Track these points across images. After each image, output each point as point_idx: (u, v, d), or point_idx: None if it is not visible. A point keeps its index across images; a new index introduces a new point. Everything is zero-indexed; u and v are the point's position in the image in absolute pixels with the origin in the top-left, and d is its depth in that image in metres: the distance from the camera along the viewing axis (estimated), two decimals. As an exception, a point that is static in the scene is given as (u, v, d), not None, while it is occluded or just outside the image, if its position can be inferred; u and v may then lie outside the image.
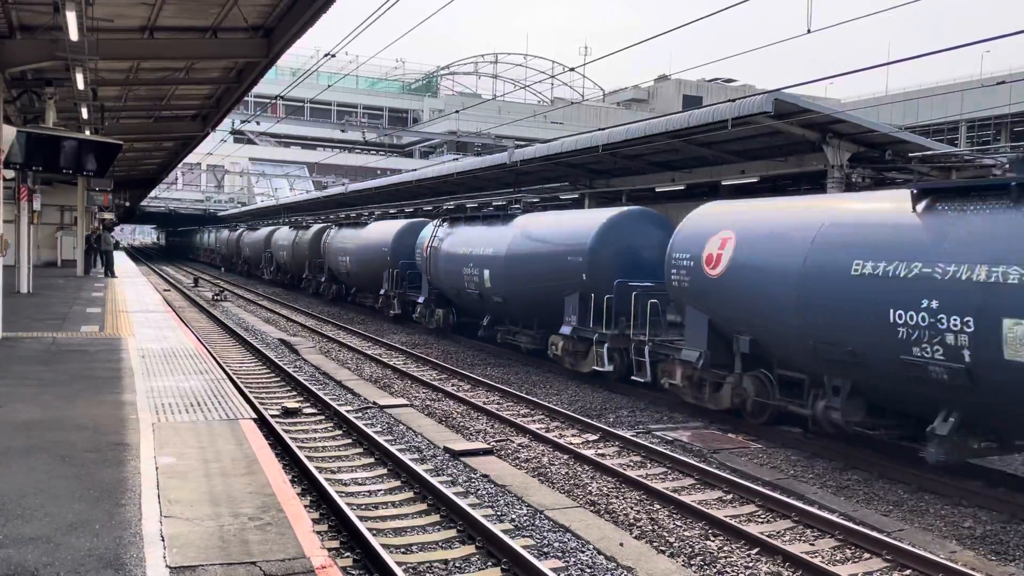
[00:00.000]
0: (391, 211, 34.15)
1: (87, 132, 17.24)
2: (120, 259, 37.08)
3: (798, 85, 15.72)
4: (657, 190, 19.30)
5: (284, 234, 39.48)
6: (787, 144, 15.34)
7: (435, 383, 14.71)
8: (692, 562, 7.01)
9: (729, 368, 11.65)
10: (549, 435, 11.04)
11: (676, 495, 8.58)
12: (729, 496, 8.79)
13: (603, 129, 18.23)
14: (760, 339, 11.13)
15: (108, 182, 27.99)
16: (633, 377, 13.83)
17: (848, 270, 9.50)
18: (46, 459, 6.34)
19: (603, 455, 10.26)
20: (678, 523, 7.92)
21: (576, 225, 15.90)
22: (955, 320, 8.35)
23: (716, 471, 9.44)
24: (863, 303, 9.24)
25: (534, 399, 13.32)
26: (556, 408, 12.63)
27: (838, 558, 7.22)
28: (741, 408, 11.56)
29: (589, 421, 11.81)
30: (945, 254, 8.55)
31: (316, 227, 34.66)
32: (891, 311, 8.88)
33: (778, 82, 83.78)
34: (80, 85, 13.40)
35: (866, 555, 7.26)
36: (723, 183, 17.50)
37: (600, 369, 14.45)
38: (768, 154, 16.28)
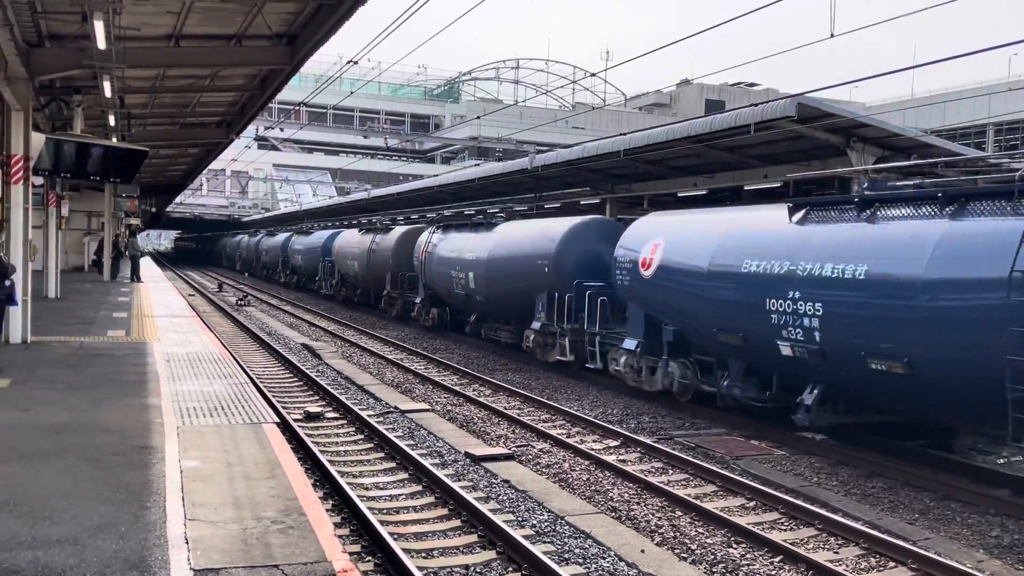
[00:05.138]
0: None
1: (114, 139, 17.48)
2: (146, 264, 37.52)
3: (822, 89, 15.61)
4: (679, 195, 19.23)
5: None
6: (811, 148, 15.23)
7: (456, 388, 14.72)
8: (714, 569, 6.97)
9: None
10: (570, 440, 11.01)
11: (698, 502, 8.53)
12: (752, 503, 8.72)
13: (624, 134, 18.16)
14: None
15: (135, 188, 28.42)
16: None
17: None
18: (73, 462, 6.43)
19: (624, 461, 10.22)
20: (700, 530, 7.87)
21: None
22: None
23: (739, 478, 9.37)
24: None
25: (555, 404, 13.29)
26: (577, 414, 12.60)
27: (863, 567, 7.14)
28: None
29: (610, 427, 11.77)
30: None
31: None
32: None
33: (801, 86, 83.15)
34: (107, 93, 13.61)
35: (891, 564, 7.17)
36: (746, 188, 17.40)
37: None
38: (792, 158, 16.17)
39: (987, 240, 8.63)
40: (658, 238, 13.52)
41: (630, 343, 13.88)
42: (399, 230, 27.27)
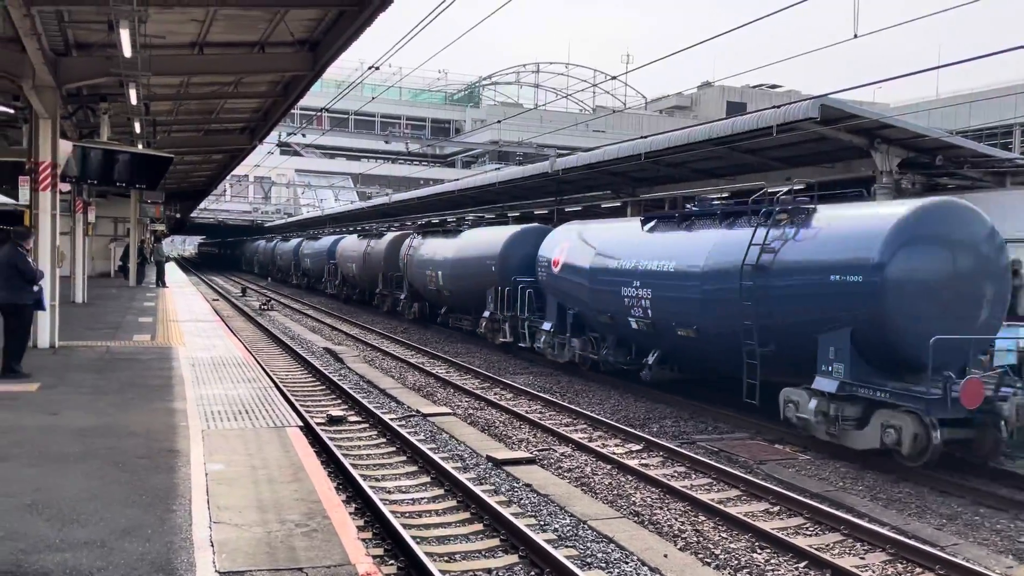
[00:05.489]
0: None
1: (139, 146, 17.70)
2: (171, 270, 37.90)
3: (845, 90, 15.46)
4: (700, 198, 19.13)
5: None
6: (834, 150, 15.11)
7: (477, 392, 14.75)
8: (738, 575, 6.91)
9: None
10: (592, 445, 10.99)
11: (722, 506, 8.47)
12: (776, 508, 8.65)
13: (645, 137, 18.14)
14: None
15: (160, 194, 28.73)
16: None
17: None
18: (100, 465, 6.51)
19: (647, 465, 10.18)
20: (724, 535, 7.81)
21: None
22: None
23: (763, 482, 9.30)
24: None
25: (577, 408, 13.28)
26: (599, 418, 12.57)
27: (889, 573, 7.06)
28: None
29: (632, 431, 11.74)
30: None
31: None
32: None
33: (824, 87, 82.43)
34: (133, 100, 13.78)
35: (918, 570, 7.08)
36: (769, 190, 17.26)
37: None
38: (815, 160, 16.05)
39: (734, 243, 12.30)
40: (564, 242, 17.42)
41: (547, 325, 17.76)
42: (389, 235, 30.83)
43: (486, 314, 20.65)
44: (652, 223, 14.97)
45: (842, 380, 10.40)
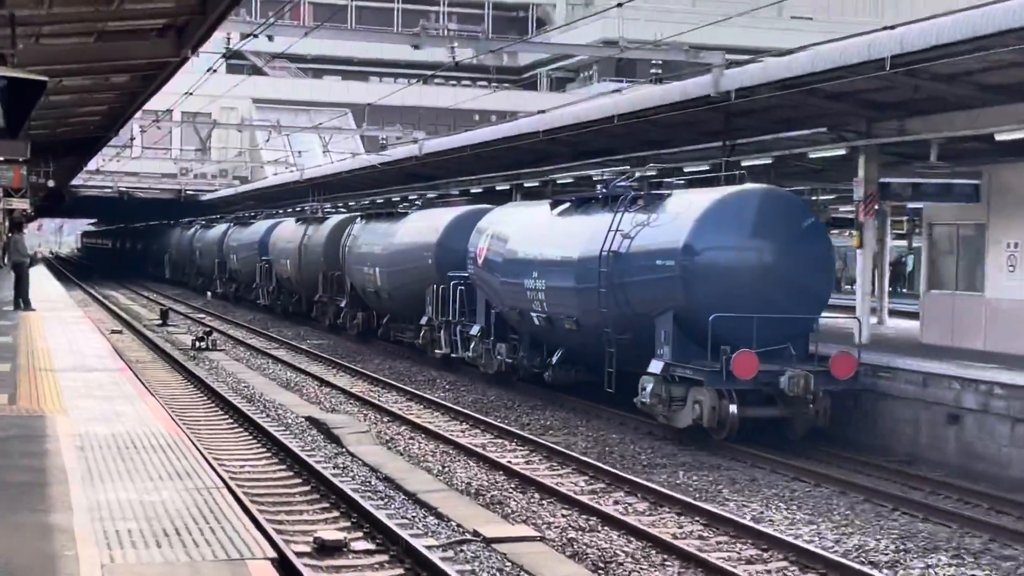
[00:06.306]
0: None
1: (-11, 63, 18.27)
2: (37, 278, 38.89)
3: None
4: (997, 138, 18.74)
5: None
6: None
7: (583, 498, 14.81)
8: None
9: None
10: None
11: None
12: None
13: (891, 28, 17.88)
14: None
15: (22, 146, 29.51)
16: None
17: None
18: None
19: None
20: None
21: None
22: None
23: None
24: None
25: (768, 531, 13.22)
26: (810, 549, 12.48)
27: None
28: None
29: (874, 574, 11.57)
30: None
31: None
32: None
33: None
34: (-22, -16, 14.19)
35: None
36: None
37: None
38: None
39: (602, 229, 19.99)
40: (488, 231, 24.71)
41: (475, 328, 25.10)
42: (333, 220, 37.45)
43: (423, 320, 27.91)
44: (562, 207, 23.06)
45: (666, 361, 18.26)
